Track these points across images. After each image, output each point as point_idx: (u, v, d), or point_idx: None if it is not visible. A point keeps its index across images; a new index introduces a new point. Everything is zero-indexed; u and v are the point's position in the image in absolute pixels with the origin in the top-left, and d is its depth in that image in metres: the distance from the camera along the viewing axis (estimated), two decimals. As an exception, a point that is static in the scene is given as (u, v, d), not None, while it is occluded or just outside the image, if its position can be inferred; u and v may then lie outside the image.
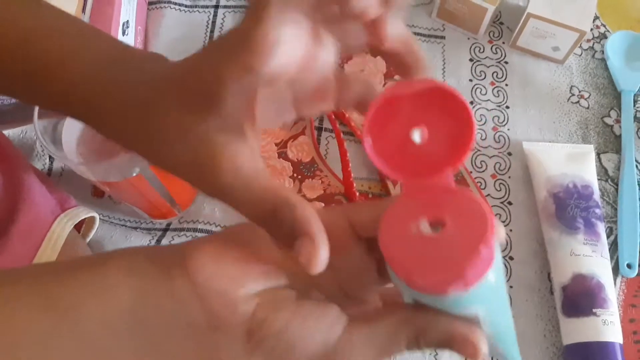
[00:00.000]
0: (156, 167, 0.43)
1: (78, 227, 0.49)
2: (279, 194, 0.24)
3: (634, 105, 0.61)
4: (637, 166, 0.58)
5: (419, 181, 0.24)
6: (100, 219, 0.51)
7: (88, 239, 0.51)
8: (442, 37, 0.64)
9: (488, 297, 0.23)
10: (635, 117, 0.60)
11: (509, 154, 0.58)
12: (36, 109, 0.40)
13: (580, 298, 0.49)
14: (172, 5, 0.65)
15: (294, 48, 0.23)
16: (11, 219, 0.41)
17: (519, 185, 0.57)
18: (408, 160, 0.24)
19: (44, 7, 0.31)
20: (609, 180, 0.57)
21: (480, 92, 0.62)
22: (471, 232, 0.21)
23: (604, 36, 0.65)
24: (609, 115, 0.61)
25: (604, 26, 0.66)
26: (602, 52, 0.64)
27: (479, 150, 0.58)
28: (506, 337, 0.27)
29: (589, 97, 0.62)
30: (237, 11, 0.66)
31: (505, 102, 0.61)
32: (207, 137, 0.24)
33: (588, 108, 0.61)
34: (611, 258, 0.53)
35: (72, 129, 0.43)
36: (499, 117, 0.60)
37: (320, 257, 0.22)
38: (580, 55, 0.64)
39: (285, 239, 0.23)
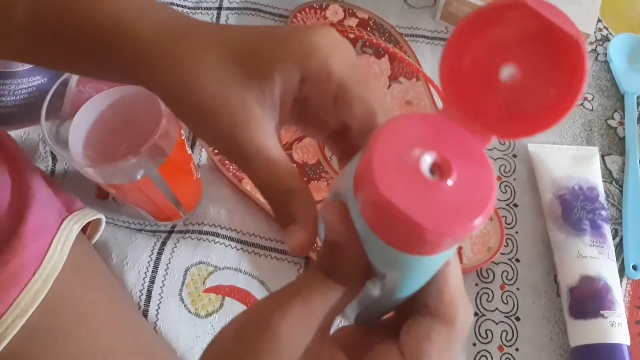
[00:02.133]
0: (164, 169, 0.43)
1: (84, 229, 0.49)
2: (290, 181, 0.26)
3: (638, 107, 0.61)
4: (640, 168, 0.58)
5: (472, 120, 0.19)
6: (105, 220, 0.50)
7: (94, 241, 0.51)
8: (446, 40, 0.64)
9: (417, 271, 0.21)
10: (638, 119, 0.60)
11: (514, 156, 0.58)
12: (44, 109, 0.40)
13: (588, 300, 0.49)
14: (175, 7, 0.65)
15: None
16: (21, 221, 0.41)
17: (525, 187, 0.57)
18: (486, 104, 0.19)
19: None
20: (614, 182, 0.58)
21: (485, 94, 0.62)
22: (472, 197, 0.18)
23: (606, 39, 0.66)
24: (612, 118, 0.61)
25: (607, 29, 0.67)
26: (605, 54, 0.65)
27: (484, 152, 0.58)
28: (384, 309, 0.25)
29: (592, 99, 0.62)
30: (240, 13, 0.65)
31: (510, 104, 0.61)
32: (247, 103, 0.26)
33: (592, 110, 0.61)
34: (617, 260, 0.53)
35: (78, 131, 0.43)
36: (503, 119, 0.60)
37: (303, 246, 0.25)
38: (584, 57, 0.64)
39: (282, 220, 0.26)
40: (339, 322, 0.41)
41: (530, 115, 0.19)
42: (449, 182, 0.18)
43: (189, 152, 0.48)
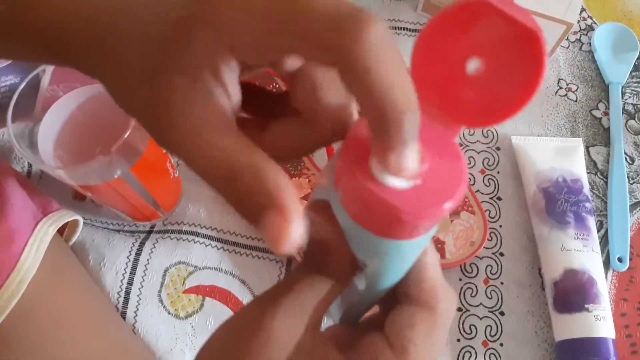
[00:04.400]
0: (137, 169, 0.42)
1: (61, 230, 0.48)
2: (239, 156, 0.20)
3: (622, 97, 0.60)
4: (626, 159, 0.57)
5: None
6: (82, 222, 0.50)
7: (71, 243, 0.50)
8: (429, 32, 0.63)
9: (396, 257, 0.22)
10: (623, 109, 0.60)
11: (498, 148, 0.58)
12: (10, 110, 0.39)
13: (572, 294, 0.48)
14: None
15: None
16: None
17: (508, 180, 0.56)
18: (455, 97, 0.21)
19: None
20: (598, 173, 0.57)
21: (468, 86, 0.61)
22: (444, 183, 0.20)
23: (590, 28, 0.65)
24: (597, 108, 0.60)
25: (591, 18, 0.66)
26: (589, 44, 0.64)
27: (467, 145, 0.58)
28: (370, 298, 0.25)
29: (576, 90, 0.61)
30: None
31: (493, 96, 0.60)
32: (158, 76, 0.21)
33: (576, 101, 0.61)
34: (602, 252, 0.53)
35: (48, 131, 0.42)
36: (487, 112, 0.60)
37: (291, 234, 0.18)
38: (567, 47, 0.64)
39: (247, 212, 0.19)
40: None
41: (496, 104, 0.20)
42: (422, 170, 0.20)
43: (165, 151, 0.47)
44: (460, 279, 0.52)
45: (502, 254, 0.53)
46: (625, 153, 0.57)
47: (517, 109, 0.20)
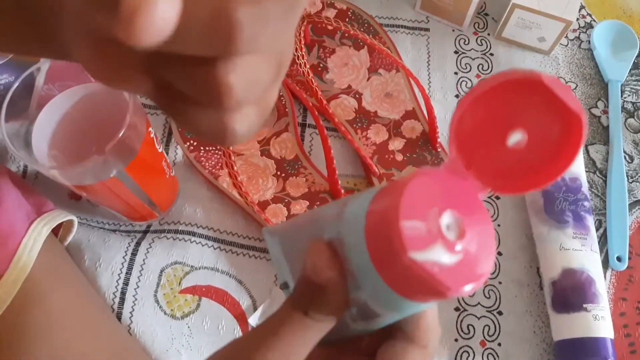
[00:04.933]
0: (132, 169, 0.42)
1: (56, 231, 0.48)
2: None
3: (621, 96, 0.60)
4: (625, 157, 0.57)
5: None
6: (77, 221, 0.49)
7: (66, 243, 0.50)
8: (427, 30, 0.63)
9: (412, 311, 0.22)
10: (622, 107, 0.59)
11: (496, 147, 0.57)
12: (3, 110, 0.39)
13: (571, 293, 0.48)
14: None
15: None
16: None
17: (507, 179, 0.56)
18: (490, 164, 0.21)
19: None
20: (597, 172, 0.57)
21: (466, 85, 0.61)
22: (479, 252, 0.20)
23: (590, 26, 0.65)
24: (596, 106, 0.60)
25: (590, 15, 0.65)
26: (589, 42, 0.63)
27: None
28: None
29: (575, 88, 0.61)
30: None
31: (492, 94, 0.60)
32: None
33: (575, 99, 0.60)
34: (600, 251, 0.52)
35: (42, 131, 0.42)
36: (485, 110, 0.59)
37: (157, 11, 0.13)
38: (567, 45, 0.63)
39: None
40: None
41: (524, 176, 0.21)
42: (464, 242, 0.19)
43: (160, 150, 0.47)
44: (458, 279, 0.51)
45: (500, 253, 0.53)
46: (625, 151, 0.57)
47: (544, 184, 0.20)
